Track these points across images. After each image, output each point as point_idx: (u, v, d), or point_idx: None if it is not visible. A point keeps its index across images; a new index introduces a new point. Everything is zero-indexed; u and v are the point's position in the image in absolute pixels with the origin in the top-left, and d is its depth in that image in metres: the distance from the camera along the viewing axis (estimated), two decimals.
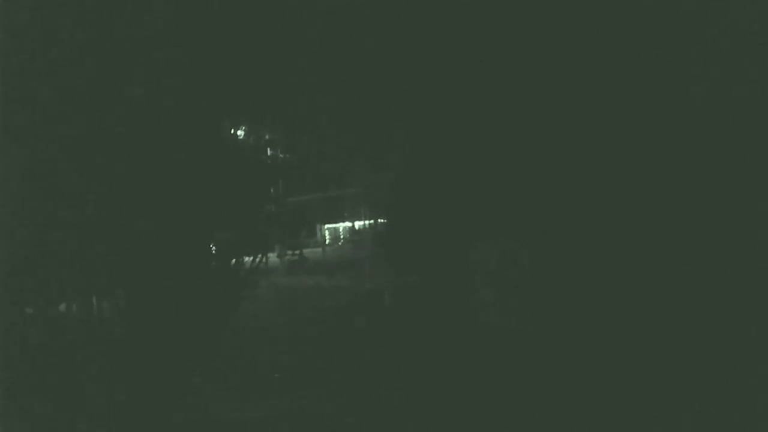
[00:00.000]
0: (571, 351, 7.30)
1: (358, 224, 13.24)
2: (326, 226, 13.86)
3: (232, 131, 8.20)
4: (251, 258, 7.72)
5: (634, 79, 7.39)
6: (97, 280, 7.09)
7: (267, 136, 8.36)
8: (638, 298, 7.16)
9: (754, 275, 6.88)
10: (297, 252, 8.50)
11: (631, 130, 7.37)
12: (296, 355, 8.96)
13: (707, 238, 7.05)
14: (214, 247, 7.70)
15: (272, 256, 9.09)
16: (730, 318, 6.86)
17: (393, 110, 8.70)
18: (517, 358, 7.57)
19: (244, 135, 8.32)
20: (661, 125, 7.30)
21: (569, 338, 7.37)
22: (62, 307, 7.16)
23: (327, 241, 13.91)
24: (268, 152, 8.41)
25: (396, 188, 8.98)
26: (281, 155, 8.58)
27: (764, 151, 7.03)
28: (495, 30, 7.83)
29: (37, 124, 6.76)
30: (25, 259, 6.76)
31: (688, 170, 7.20)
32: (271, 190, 8.37)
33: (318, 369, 8.46)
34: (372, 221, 12.33)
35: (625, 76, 7.40)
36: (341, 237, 13.92)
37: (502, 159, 7.83)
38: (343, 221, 13.61)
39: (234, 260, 7.67)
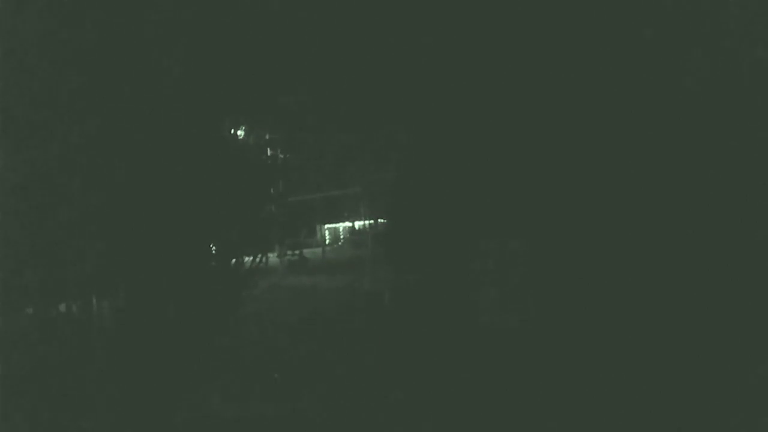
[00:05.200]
0: (572, 351, 7.30)
1: (358, 224, 13.21)
2: (326, 226, 13.83)
3: (232, 131, 8.20)
4: (251, 258, 7.72)
5: (634, 78, 7.39)
6: (97, 280, 7.10)
7: (267, 136, 8.37)
8: (639, 298, 7.16)
9: (754, 273, 6.88)
10: (297, 252, 8.51)
11: (630, 129, 7.37)
12: (296, 356, 8.95)
13: (708, 236, 7.05)
14: (214, 247, 7.71)
15: (272, 256, 9.09)
16: (731, 317, 6.86)
17: (393, 110, 8.70)
18: (518, 358, 7.56)
19: (244, 135, 8.32)
20: (660, 124, 7.30)
21: (570, 338, 7.37)
22: (62, 307, 7.16)
23: (327, 241, 13.88)
24: (268, 152, 8.41)
25: (396, 188, 8.98)
26: (281, 155, 8.59)
27: (764, 151, 7.03)
28: (495, 29, 7.83)
29: (37, 124, 6.77)
30: (25, 259, 6.76)
31: (687, 168, 7.21)
32: (271, 190, 8.38)
33: (318, 369, 8.46)
34: (372, 221, 12.31)
35: (625, 75, 7.40)
36: (341, 237, 13.89)
37: (503, 158, 7.84)
38: (343, 221, 13.58)
39: (234, 260, 7.67)
